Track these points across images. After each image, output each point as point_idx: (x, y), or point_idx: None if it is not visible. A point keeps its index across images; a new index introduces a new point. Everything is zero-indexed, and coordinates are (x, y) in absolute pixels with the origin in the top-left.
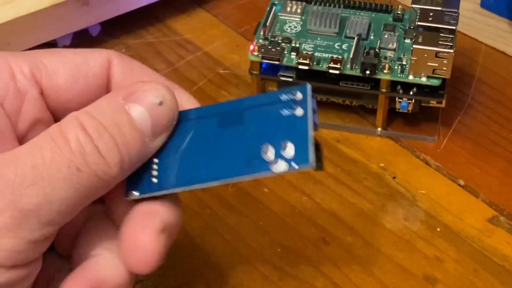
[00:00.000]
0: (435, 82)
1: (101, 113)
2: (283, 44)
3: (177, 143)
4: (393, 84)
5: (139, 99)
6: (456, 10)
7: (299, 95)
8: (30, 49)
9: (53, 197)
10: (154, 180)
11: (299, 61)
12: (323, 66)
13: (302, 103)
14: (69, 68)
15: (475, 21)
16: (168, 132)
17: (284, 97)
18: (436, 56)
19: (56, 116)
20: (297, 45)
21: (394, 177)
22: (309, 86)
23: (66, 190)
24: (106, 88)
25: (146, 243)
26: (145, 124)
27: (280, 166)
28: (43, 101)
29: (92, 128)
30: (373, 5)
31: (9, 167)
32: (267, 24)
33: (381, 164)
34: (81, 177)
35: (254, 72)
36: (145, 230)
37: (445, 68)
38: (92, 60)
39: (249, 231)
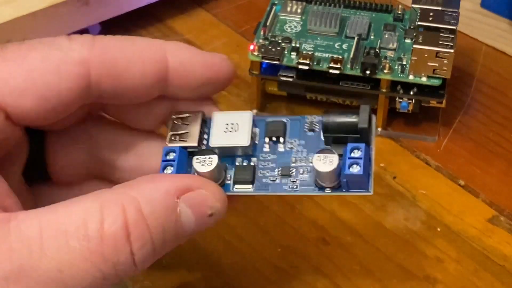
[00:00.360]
0: (435, 82)
1: (151, 210)
2: (283, 44)
3: None
4: (393, 84)
5: (193, 205)
6: (456, 10)
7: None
8: None
9: None
10: None
11: (299, 61)
12: (323, 66)
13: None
14: (37, 87)
15: (475, 21)
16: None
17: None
18: (436, 56)
19: (6, 109)
20: (297, 45)
21: (394, 177)
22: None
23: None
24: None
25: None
26: (188, 230)
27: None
28: (9, 123)
29: (137, 231)
30: (373, 5)
31: (34, 258)
32: (267, 24)
33: (381, 164)
34: (104, 284)
35: (254, 72)
36: None
37: (445, 68)
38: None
39: (249, 231)
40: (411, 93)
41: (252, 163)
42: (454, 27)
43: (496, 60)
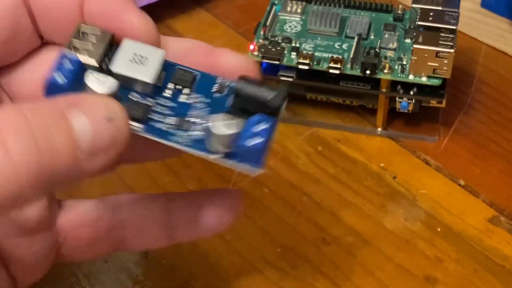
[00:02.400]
0: (435, 82)
1: (30, 109)
2: (283, 44)
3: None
4: (393, 84)
5: (85, 108)
6: (456, 10)
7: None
8: None
9: None
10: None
11: (299, 61)
12: (323, 66)
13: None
14: None
15: (475, 21)
16: (110, 156)
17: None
18: (436, 56)
19: None
20: (297, 45)
21: (394, 177)
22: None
23: None
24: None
25: None
26: (85, 137)
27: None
28: None
29: (6, 121)
30: (373, 5)
31: None
32: (267, 24)
33: (381, 164)
34: None
35: None
36: None
37: (445, 68)
38: None
39: (249, 231)
40: (411, 93)
41: (148, 103)
42: (454, 27)
43: (496, 60)
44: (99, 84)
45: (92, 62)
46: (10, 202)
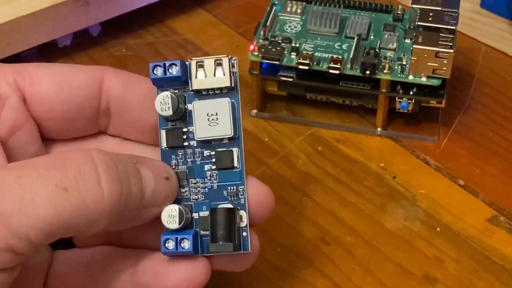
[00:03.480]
0: (435, 82)
1: (115, 157)
2: (283, 44)
3: None
4: (393, 84)
5: (150, 166)
6: (456, 10)
7: None
8: (30, 49)
9: (29, 210)
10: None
11: (299, 61)
12: (323, 66)
13: None
14: (54, 77)
15: (475, 21)
16: (161, 210)
17: None
18: (436, 56)
19: (41, 125)
20: (297, 45)
21: (394, 177)
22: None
23: (44, 207)
24: (99, 100)
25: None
26: (149, 187)
27: None
28: (25, 108)
29: (100, 159)
30: (373, 5)
31: None
32: (267, 24)
33: (381, 164)
34: (67, 199)
35: (254, 72)
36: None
37: (445, 68)
38: (82, 72)
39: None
40: (411, 93)
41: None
42: (454, 27)
43: (495, 60)
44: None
45: None
46: (80, 228)
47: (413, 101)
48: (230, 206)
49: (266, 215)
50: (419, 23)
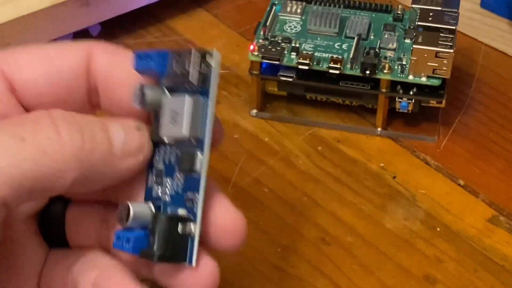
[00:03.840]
0: (435, 82)
1: (76, 113)
2: (283, 44)
3: None
4: (393, 84)
5: (120, 121)
6: (456, 10)
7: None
8: None
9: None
10: None
11: (299, 61)
12: (323, 66)
13: None
14: (42, 61)
15: (475, 21)
16: (138, 160)
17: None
18: (436, 56)
19: (31, 111)
20: (297, 45)
21: (394, 177)
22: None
23: (1, 158)
24: (88, 78)
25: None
26: (118, 136)
27: None
28: (12, 96)
29: (59, 113)
30: (373, 5)
31: None
32: (267, 24)
33: (381, 164)
34: (24, 148)
35: (254, 72)
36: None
37: (445, 68)
38: (69, 52)
39: (249, 231)
40: (411, 93)
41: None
42: (454, 27)
43: (495, 60)
44: None
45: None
46: (50, 181)
47: (413, 101)
48: (183, 213)
49: (233, 244)
50: (419, 23)
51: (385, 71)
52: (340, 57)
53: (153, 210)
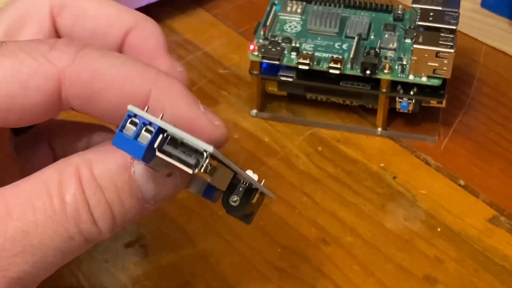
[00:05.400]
0: (435, 82)
1: (103, 170)
2: (283, 44)
3: None
4: (394, 84)
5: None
6: (456, 10)
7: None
8: None
9: (42, 264)
10: None
11: (299, 61)
12: (323, 66)
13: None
14: (1, 99)
15: (475, 21)
16: (171, 197)
17: None
18: (436, 56)
19: None
20: (297, 45)
21: (394, 177)
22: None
23: (55, 256)
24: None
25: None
26: (147, 189)
27: None
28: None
29: (91, 190)
30: (373, 5)
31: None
32: (267, 24)
33: (381, 164)
34: (72, 246)
35: (254, 72)
36: None
37: (445, 68)
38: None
39: (249, 231)
40: (411, 93)
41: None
42: (454, 27)
43: (496, 60)
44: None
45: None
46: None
47: (413, 101)
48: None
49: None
50: (420, 23)
51: (385, 71)
52: (340, 57)
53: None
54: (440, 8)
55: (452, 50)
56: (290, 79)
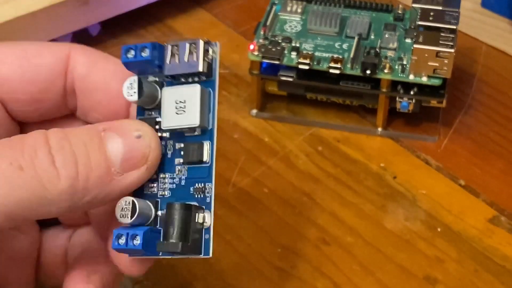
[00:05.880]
0: (435, 82)
1: (73, 134)
2: (283, 44)
3: None
4: (394, 84)
5: (118, 129)
6: (456, 10)
7: None
8: None
9: None
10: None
11: (300, 60)
12: (324, 66)
13: None
14: (18, 57)
15: (475, 21)
16: (141, 172)
17: None
18: (436, 56)
19: (5, 106)
20: (298, 45)
21: (394, 177)
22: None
23: (1, 186)
24: (65, 79)
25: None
26: (116, 153)
27: None
28: (8, 117)
29: (55, 140)
30: (373, 5)
31: None
32: (267, 23)
33: (381, 164)
34: (21, 177)
35: (254, 71)
36: None
37: (445, 68)
38: (47, 51)
39: (249, 231)
40: (412, 93)
41: None
42: (455, 27)
43: (496, 60)
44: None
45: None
46: (43, 210)
47: (413, 101)
48: (194, 203)
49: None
50: (420, 23)
51: (385, 71)
52: (340, 56)
53: (151, 205)
54: (440, 8)
55: (452, 50)
56: (290, 79)
